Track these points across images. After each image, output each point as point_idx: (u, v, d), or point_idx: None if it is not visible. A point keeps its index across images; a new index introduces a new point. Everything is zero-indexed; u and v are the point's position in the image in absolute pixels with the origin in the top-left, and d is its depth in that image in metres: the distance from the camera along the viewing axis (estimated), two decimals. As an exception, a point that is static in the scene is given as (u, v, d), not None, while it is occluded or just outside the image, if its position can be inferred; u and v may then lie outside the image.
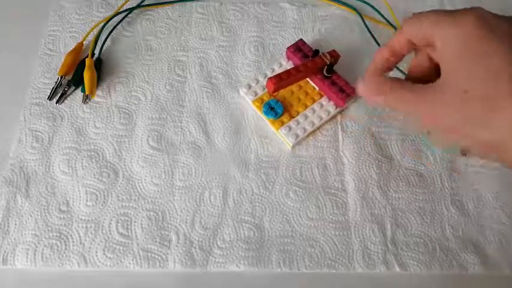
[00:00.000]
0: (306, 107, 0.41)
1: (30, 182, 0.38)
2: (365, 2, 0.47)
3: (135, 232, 0.36)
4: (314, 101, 0.41)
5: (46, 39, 0.45)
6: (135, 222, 0.36)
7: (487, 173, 0.39)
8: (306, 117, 0.40)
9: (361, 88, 0.29)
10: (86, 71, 0.41)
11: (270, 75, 0.42)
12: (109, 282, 0.35)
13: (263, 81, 0.42)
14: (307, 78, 0.42)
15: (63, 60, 0.43)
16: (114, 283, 0.35)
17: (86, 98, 0.42)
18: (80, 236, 0.36)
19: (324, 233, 0.36)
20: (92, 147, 0.40)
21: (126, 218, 0.36)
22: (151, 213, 0.37)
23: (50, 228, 0.36)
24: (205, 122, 0.41)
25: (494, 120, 0.23)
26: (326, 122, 0.41)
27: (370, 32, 0.45)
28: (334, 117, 0.41)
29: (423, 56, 0.29)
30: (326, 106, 0.41)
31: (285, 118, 0.40)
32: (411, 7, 0.48)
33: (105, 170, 0.38)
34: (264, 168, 0.39)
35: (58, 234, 0.36)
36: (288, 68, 0.40)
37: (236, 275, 0.35)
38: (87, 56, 0.43)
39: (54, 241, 0.35)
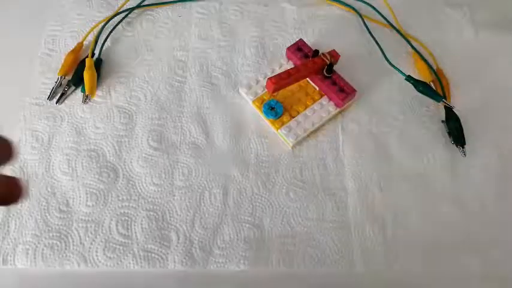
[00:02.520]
0: (306, 107, 0.41)
1: (30, 182, 0.38)
2: (365, 2, 0.47)
3: (135, 232, 0.36)
4: (314, 101, 0.41)
5: (46, 39, 0.45)
6: (135, 222, 0.36)
7: (487, 173, 0.39)
8: (306, 117, 0.40)
9: None
10: (86, 71, 0.41)
11: (270, 75, 0.42)
12: (109, 282, 0.35)
13: (263, 81, 0.42)
14: (307, 78, 0.42)
15: (63, 60, 0.43)
16: (114, 283, 0.35)
17: (86, 98, 0.42)
18: (80, 236, 0.36)
19: (324, 233, 0.36)
20: (92, 147, 0.40)
21: (126, 218, 0.36)
22: (152, 213, 0.37)
23: (50, 228, 0.36)
24: (206, 122, 0.41)
25: None
26: (326, 122, 0.41)
27: (370, 32, 0.45)
28: (334, 117, 0.41)
29: None
30: (326, 106, 0.41)
31: (285, 118, 0.40)
32: (411, 7, 0.48)
33: (105, 170, 0.38)
34: (264, 168, 0.39)
35: (58, 234, 0.36)
36: (288, 68, 0.40)
37: (236, 275, 0.35)
38: (87, 56, 0.43)
39: (54, 241, 0.35)
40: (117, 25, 0.46)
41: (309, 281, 0.35)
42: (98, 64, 0.43)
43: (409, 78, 0.41)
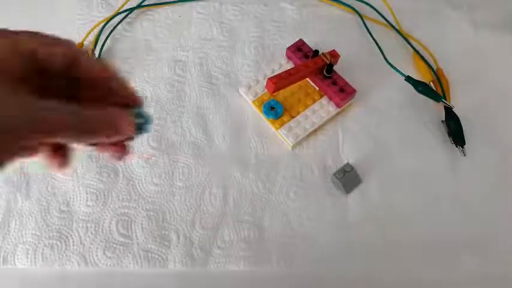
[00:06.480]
0: (306, 107, 0.41)
1: (30, 182, 0.38)
2: (365, 3, 0.47)
3: (135, 232, 0.36)
4: (314, 100, 0.41)
5: (46, 39, 0.45)
6: (135, 222, 0.36)
7: (487, 172, 0.39)
8: (306, 117, 0.40)
9: None
10: (86, 71, 0.41)
11: (270, 75, 0.42)
12: (109, 282, 0.35)
13: (263, 81, 0.42)
14: (307, 78, 0.42)
15: (63, 60, 0.43)
16: (114, 283, 0.35)
17: (86, 98, 0.42)
18: (80, 236, 0.36)
19: (324, 233, 0.36)
20: (92, 147, 0.40)
21: (126, 218, 0.36)
22: (152, 213, 0.37)
23: (50, 228, 0.36)
24: (206, 122, 0.41)
25: None
26: (326, 122, 0.41)
27: (369, 32, 0.45)
28: (334, 117, 0.41)
29: None
30: (326, 106, 0.41)
31: (285, 118, 0.40)
32: (411, 7, 0.48)
33: (105, 170, 0.38)
34: (264, 168, 0.39)
35: (58, 234, 0.36)
36: (288, 68, 0.40)
37: (236, 275, 0.35)
38: (87, 56, 0.43)
39: (54, 241, 0.35)
40: (117, 25, 0.46)
41: (309, 281, 0.35)
42: (98, 64, 0.43)
43: (408, 79, 0.41)
